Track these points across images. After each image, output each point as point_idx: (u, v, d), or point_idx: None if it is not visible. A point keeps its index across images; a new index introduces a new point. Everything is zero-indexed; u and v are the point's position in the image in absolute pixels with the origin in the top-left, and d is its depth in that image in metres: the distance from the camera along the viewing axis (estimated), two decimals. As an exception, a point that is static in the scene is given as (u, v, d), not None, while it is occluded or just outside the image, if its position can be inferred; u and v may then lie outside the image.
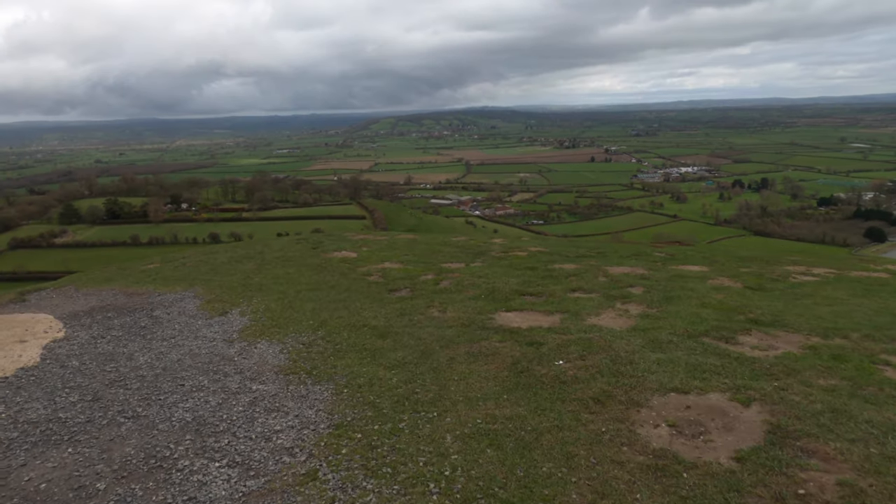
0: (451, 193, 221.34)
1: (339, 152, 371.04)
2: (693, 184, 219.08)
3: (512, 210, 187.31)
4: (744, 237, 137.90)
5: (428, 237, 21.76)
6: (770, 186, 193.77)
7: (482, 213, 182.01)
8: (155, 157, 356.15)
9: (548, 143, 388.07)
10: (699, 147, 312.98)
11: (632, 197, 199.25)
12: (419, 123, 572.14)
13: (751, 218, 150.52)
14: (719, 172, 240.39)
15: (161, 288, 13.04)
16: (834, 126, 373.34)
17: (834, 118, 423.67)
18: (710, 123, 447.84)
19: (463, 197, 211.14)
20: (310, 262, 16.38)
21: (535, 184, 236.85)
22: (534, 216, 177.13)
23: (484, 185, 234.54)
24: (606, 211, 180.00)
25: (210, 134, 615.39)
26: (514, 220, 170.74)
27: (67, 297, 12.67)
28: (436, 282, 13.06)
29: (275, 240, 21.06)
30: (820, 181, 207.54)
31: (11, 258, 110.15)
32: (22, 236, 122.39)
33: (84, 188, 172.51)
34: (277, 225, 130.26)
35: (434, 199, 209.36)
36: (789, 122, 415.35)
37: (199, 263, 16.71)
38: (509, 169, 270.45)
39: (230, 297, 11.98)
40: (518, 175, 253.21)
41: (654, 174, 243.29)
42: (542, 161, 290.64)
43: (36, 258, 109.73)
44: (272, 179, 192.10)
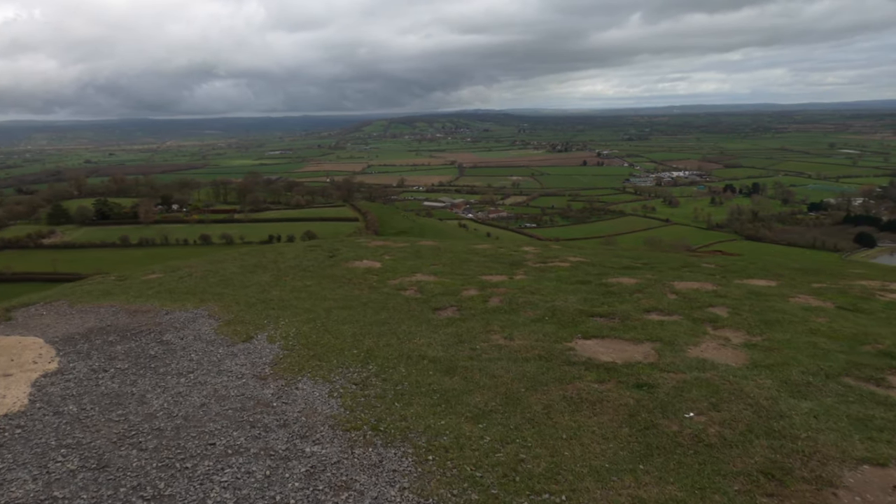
0: (444, 196, 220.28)
1: (331, 154, 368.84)
2: (685, 188, 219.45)
3: (505, 213, 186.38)
4: (735, 241, 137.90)
5: (450, 244, 20.19)
6: (761, 191, 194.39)
7: (475, 215, 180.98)
8: (145, 158, 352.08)
9: (540, 146, 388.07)
10: (691, 152, 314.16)
11: (624, 201, 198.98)
12: (412, 126, 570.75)
13: (742, 223, 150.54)
14: (711, 177, 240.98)
15: (169, 304, 11.35)
16: (824, 132, 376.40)
17: (824, 124, 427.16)
18: (702, 128, 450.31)
19: (456, 200, 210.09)
20: (331, 273, 14.75)
21: (528, 187, 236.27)
22: (527, 219, 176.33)
23: (477, 188, 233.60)
24: (599, 215, 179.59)
25: (201, 135, 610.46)
26: (507, 223, 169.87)
27: (60, 315, 10.95)
28: (483, 299, 11.50)
29: (286, 247, 19.41)
30: (810, 186, 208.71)
31: None
32: (9, 237, 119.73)
33: (73, 188, 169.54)
34: (269, 227, 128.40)
35: (427, 201, 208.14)
36: (780, 128, 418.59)
37: (207, 274, 15.01)
38: (502, 172, 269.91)
39: (251, 317, 10.32)
40: (511, 178, 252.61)
41: (647, 178, 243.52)
42: (534, 164, 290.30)
43: (23, 259, 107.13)
44: (264, 181, 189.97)
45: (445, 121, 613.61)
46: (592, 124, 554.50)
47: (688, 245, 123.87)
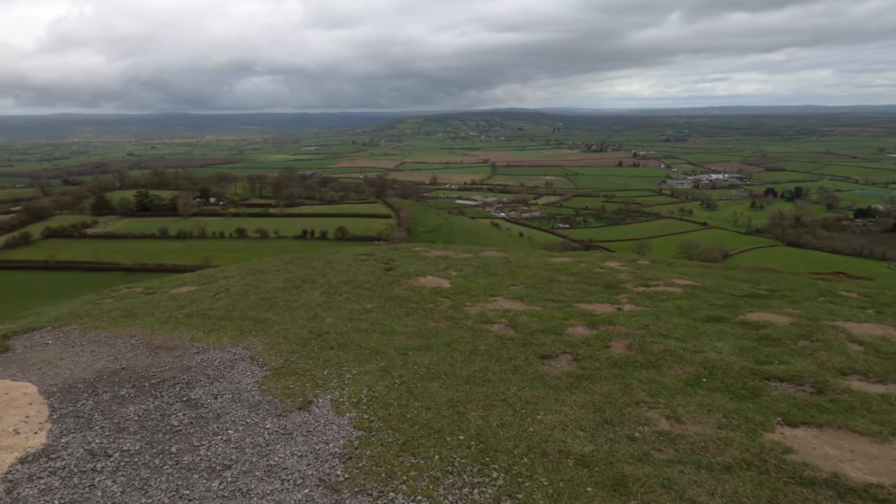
0: (476, 194, 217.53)
1: (365, 151, 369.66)
2: (724, 191, 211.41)
3: (538, 213, 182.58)
4: (776, 247, 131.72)
5: (521, 257, 17.51)
6: (804, 196, 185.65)
7: (507, 215, 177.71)
8: (185, 152, 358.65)
9: (575, 146, 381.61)
10: (731, 154, 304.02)
11: (660, 203, 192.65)
12: (445, 124, 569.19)
13: (783, 228, 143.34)
14: (751, 180, 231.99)
15: (200, 337, 8.99)
16: (872, 135, 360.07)
17: (872, 127, 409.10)
18: (743, 130, 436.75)
19: (488, 198, 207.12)
20: (393, 293, 12.25)
21: (562, 187, 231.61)
22: (560, 220, 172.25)
23: (510, 187, 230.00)
24: (634, 216, 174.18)
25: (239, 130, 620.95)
26: (539, 223, 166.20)
27: (68, 346, 8.70)
28: (601, 341, 8.82)
29: (334, 254, 17.06)
30: (857, 192, 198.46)
31: (45, 247, 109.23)
32: (55, 226, 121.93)
33: (116, 180, 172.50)
34: (303, 221, 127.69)
35: (459, 199, 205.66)
36: (825, 131, 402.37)
37: (247, 289, 12.68)
38: (535, 171, 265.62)
39: (305, 363, 7.85)
40: (544, 178, 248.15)
41: (684, 180, 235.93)
42: (568, 164, 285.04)
43: (68, 248, 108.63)
44: (299, 176, 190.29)
45: (479, 119, 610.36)
46: (628, 124, 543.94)
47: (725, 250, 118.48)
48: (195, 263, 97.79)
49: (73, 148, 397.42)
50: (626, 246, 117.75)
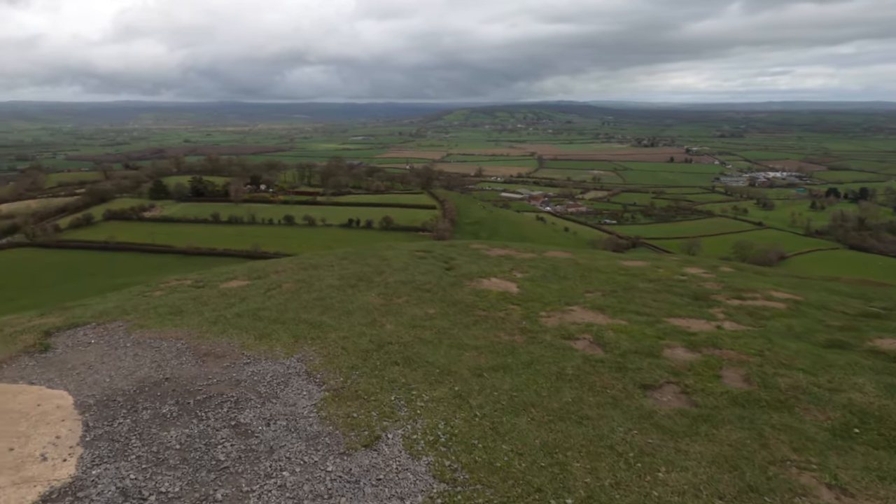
0: (522, 188, 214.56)
1: (412, 141, 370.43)
2: (782, 190, 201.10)
3: (584, 208, 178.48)
4: (837, 250, 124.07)
5: (589, 258, 16.13)
6: (870, 197, 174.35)
7: (553, 209, 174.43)
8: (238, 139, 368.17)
9: (625, 140, 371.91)
10: (790, 151, 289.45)
11: (713, 201, 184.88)
12: (493, 116, 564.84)
13: (846, 230, 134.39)
14: (812, 179, 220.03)
15: (251, 344, 8.11)
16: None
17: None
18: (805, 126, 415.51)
19: (534, 192, 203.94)
20: (456, 297, 11.14)
21: (610, 182, 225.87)
22: (607, 215, 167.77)
23: (556, 181, 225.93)
24: (685, 214, 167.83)
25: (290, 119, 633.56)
26: (586, 218, 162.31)
27: (111, 348, 7.97)
28: (708, 368, 7.47)
29: (390, 250, 16.09)
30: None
31: (105, 228, 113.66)
32: (116, 208, 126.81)
33: (173, 166, 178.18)
34: (349, 210, 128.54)
35: (504, 192, 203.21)
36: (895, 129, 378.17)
37: (300, 287, 11.82)
38: (583, 166, 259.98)
39: (369, 385, 6.81)
40: (592, 172, 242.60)
41: (739, 178, 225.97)
42: (617, 159, 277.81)
43: (126, 230, 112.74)
44: (347, 165, 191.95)
45: (527, 111, 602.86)
46: (682, 119, 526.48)
47: (782, 252, 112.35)
48: (245, 249, 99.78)
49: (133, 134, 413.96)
50: (676, 244, 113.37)
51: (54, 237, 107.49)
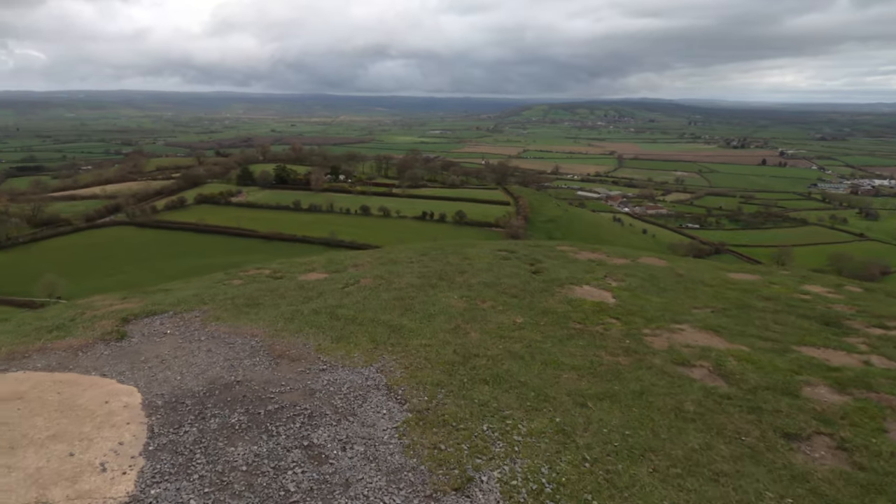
0: (599, 187, 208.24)
1: (489, 136, 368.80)
2: (889, 199, 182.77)
3: (664, 210, 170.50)
4: None
5: (689, 267, 14.57)
6: None
7: (631, 210, 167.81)
8: (321, 130, 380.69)
9: (713, 140, 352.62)
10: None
11: (808, 208, 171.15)
12: (573, 112, 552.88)
13: None
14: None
15: (327, 346, 7.49)
16: None
17: None
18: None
19: (612, 192, 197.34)
20: (546, 305, 10.11)
21: (694, 184, 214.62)
22: (689, 219, 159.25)
23: (636, 182, 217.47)
24: (775, 221, 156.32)
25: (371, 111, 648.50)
26: (665, 220, 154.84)
27: (185, 341, 7.59)
28: (867, 417, 6.07)
29: (471, 248, 15.27)
30: None
31: (196, 211, 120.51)
32: (206, 193, 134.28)
33: (259, 154, 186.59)
34: (424, 203, 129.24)
35: (581, 191, 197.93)
36: None
37: (379, 283, 11.19)
38: (665, 166, 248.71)
39: (456, 407, 5.95)
40: (674, 173, 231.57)
41: (839, 185, 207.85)
42: (703, 160, 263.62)
43: (215, 213, 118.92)
44: (423, 159, 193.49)
45: (608, 108, 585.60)
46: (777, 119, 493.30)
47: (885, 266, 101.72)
48: (322, 236, 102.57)
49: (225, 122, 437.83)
50: (764, 253, 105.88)
51: (151, 217, 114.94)
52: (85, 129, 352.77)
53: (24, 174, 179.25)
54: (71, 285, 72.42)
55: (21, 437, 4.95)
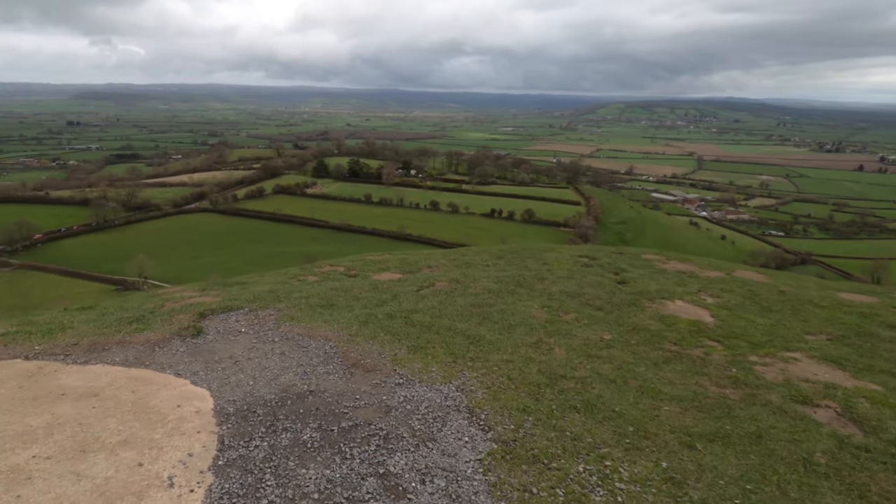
0: (676, 189, 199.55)
1: (561, 134, 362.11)
2: None
3: (746, 216, 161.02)
4: None
5: (794, 283, 13.14)
6: None
7: (709, 214, 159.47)
8: (394, 125, 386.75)
9: (803, 143, 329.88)
10: None
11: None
12: (651, 111, 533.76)
13: None
14: None
15: (403, 356, 7.04)
16: None
17: None
18: None
19: (689, 195, 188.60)
20: (637, 322, 9.25)
21: (780, 189, 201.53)
22: (773, 226, 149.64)
23: (716, 185, 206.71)
24: (871, 232, 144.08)
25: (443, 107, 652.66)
26: (747, 227, 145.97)
27: (259, 341, 7.38)
28: None
29: (550, 252, 14.49)
30: None
31: (274, 201, 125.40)
32: (283, 184, 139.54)
33: (334, 147, 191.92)
34: (492, 200, 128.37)
35: (656, 192, 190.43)
36: None
37: (454, 287, 10.69)
38: (749, 169, 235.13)
39: (547, 441, 5.31)
40: (759, 177, 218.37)
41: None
42: (791, 164, 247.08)
43: (291, 204, 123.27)
44: (493, 156, 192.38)
45: (689, 107, 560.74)
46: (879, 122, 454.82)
47: None
48: (391, 230, 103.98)
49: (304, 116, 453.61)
50: (857, 265, 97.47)
51: (232, 205, 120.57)
52: (176, 120, 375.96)
53: (122, 161, 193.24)
54: (158, 266, 77.11)
55: (93, 440, 4.78)
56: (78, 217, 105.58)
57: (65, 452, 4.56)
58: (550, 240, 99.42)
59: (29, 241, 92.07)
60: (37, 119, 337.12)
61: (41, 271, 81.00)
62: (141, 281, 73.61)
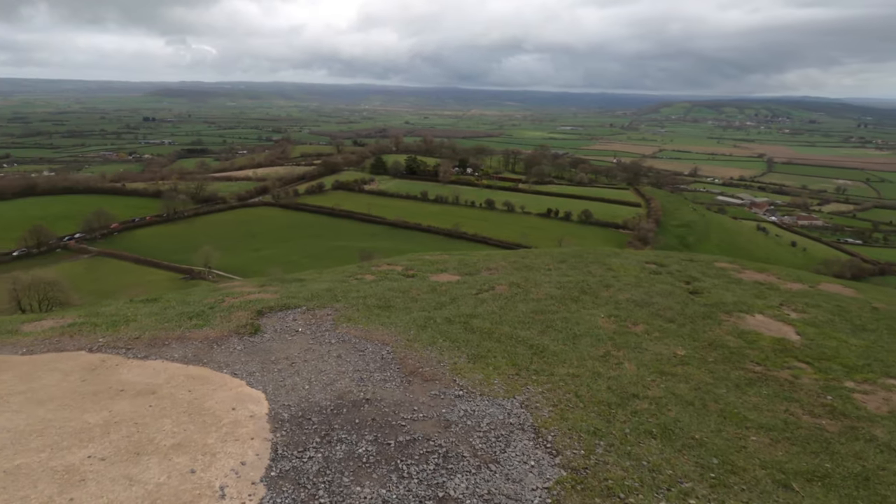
0: (743, 192, 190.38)
1: (622, 134, 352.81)
2: None
3: (819, 222, 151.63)
4: None
5: (885, 298, 11.96)
6: None
7: (779, 219, 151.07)
8: (451, 124, 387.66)
9: (886, 146, 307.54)
10: None
11: None
12: (718, 111, 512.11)
13: None
14: None
15: (463, 366, 6.69)
16: None
17: None
18: None
19: (757, 198, 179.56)
20: (714, 338, 8.54)
21: (858, 195, 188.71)
22: (849, 233, 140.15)
23: (787, 188, 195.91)
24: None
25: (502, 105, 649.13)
26: (820, 233, 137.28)
27: (315, 343, 7.21)
28: None
29: (615, 258, 13.77)
30: None
31: (333, 197, 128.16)
32: (342, 180, 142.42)
33: (392, 144, 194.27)
34: (549, 200, 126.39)
35: (722, 195, 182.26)
36: None
37: (514, 291, 10.25)
38: (824, 173, 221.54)
39: (621, 472, 4.82)
40: (835, 181, 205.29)
41: None
42: (873, 168, 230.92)
43: (349, 199, 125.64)
44: (551, 155, 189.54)
45: (760, 107, 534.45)
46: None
47: None
48: (446, 227, 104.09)
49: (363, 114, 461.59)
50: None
51: (293, 200, 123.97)
52: (243, 116, 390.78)
53: (192, 156, 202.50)
54: (223, 257, 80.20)
55: (148, 441, 4.67)
56: (150, 208, 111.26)
57: (119, 454, 4.47)
58: (608, 241, 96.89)
59: (106, 230, 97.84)
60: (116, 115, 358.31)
61: (116, 258, 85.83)
62: (206, 271, 76.73)
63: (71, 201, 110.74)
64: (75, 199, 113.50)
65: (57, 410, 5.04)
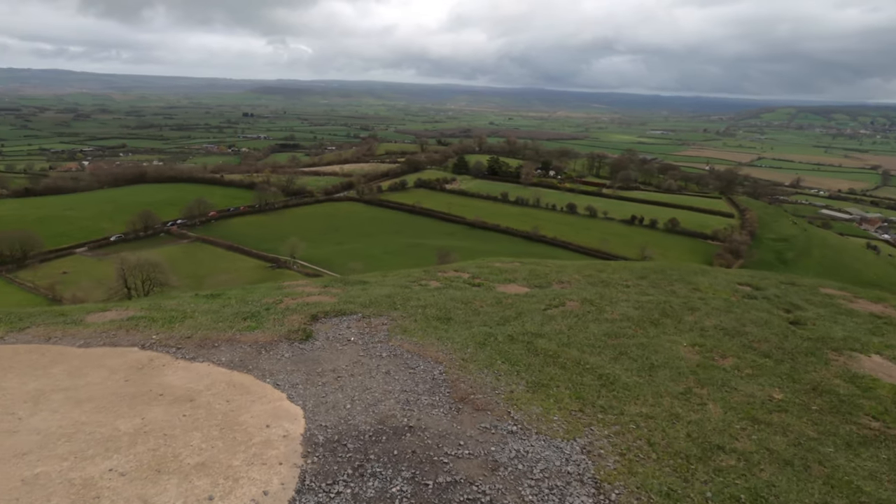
0: (852, 207, 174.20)
1: (717, 140, 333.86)
2: None
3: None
4: None
5: None
6: None
7: (893, 237, 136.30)
8: (536, 125, 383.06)
9: None
10: None
11: None
12: (827, 117, 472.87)
13: None
14: None
15: (520, 395, 6.03)
16: None
17: None
18: None
19: (869, 214, 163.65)
20: (819, 381, 7.32)
21: None
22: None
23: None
24: None
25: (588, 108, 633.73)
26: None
27: (364, 356, 6.81)
28: None
29: (703, 276, 12.51)
30: None
31: (414, 194, 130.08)
32: (425, 178, 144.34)
33: (475, 145, 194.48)
34: (634, 206, 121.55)
35: (827, 209, 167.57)
36: None
37: (586, 309, 9.40)
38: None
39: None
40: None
41: None
42: None
43: (430, 198, 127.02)
44: (639, 160, 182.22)
45: (876, 114, 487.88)
46: None
47: None
48: (525, 230, 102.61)
49: (448, 113, 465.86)
50: None
51: (376, 196, 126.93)
52: (334, 114, 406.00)
53: (285, 150, 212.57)
54: (308, 249, 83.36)
55: (172, 457, 4.41)
56: (244, 198, 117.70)
57: (140, 469, 4.23)
58: (694, 253, 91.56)
59: (204, 217, 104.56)
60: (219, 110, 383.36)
61: (211, 244, 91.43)
62: (291, 261, 79.96)
63: (175, 189, 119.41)
64: (179, 187, 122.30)
65: (92, 413, 4.92)
